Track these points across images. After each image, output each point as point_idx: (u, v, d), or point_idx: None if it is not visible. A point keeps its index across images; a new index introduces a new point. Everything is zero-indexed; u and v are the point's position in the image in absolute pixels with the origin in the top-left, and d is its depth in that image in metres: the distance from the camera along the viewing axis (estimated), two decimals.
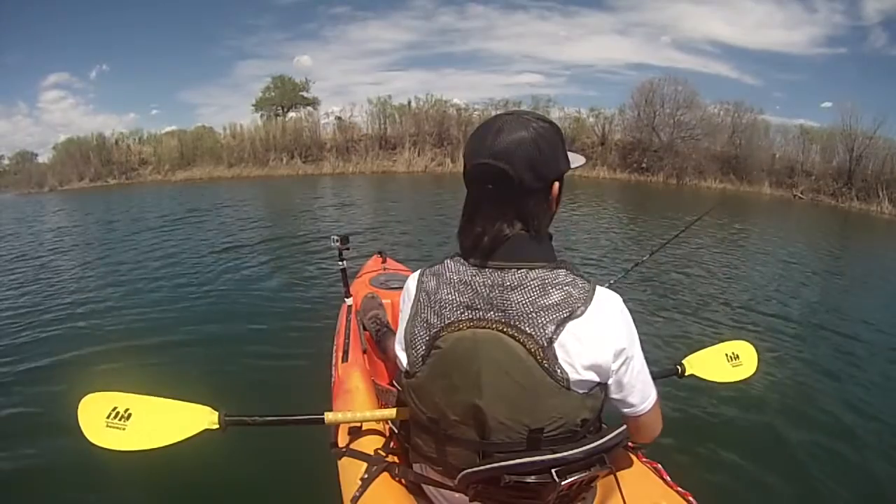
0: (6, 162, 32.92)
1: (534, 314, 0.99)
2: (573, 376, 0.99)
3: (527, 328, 0.99)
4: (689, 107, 25.72)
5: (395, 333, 1.19)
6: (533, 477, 1.00)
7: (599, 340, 1.00)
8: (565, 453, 0.99)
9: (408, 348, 1.11)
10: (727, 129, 25.76)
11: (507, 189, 1.01)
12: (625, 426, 1.10)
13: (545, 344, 0.98)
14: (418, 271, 1.17)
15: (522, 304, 1.00)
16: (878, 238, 15.05)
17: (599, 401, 1.06)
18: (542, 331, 0.98)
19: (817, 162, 24.59)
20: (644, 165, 25.44)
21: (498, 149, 1.00)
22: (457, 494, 1.14)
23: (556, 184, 1.07)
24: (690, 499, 1.33)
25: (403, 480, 1.30)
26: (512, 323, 1.00)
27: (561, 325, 0.98)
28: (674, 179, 24.61)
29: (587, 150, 26.71)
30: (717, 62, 48.31)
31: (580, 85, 51.38)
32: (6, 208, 18.17)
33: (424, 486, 1.27)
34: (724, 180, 24.40)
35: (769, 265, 8.09)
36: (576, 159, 1.14)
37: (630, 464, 1.43)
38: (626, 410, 1.12)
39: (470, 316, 1.03)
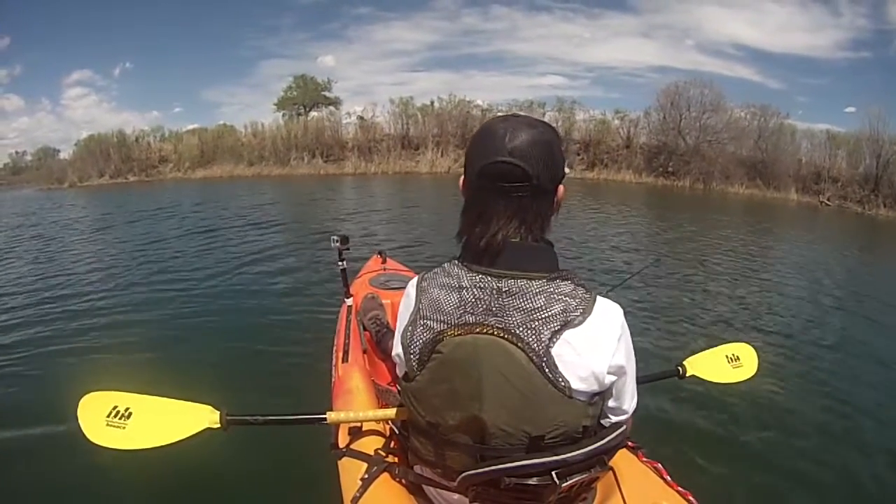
0: (28, 157, 33.95)
1: (532, 322, 0.98)
2: (574, 385, 0.98)
3: (525, 336, 0.98)
4: (714, 110, 25.34)
5: (395, 334, 1.18)
6: (533, 479, 1.00)
7: (598, 349, 1.00)
8: (566, 455, 0.99)
9: (406, 352, 1.10)
10: (753, 133, 25.29)
11: (522, 188, 1.01)
12: (625, 426, 1.09)
13: (543, 351, 0.97)
14: (418, 276, 1.16)
15: (522, 312, 0.99)
16: None
17: (600, 408, 1.05)
18: (539, 338, 0.97)
19: (844, 168, 24.01)
20: (670, 169, 25.15)
21: (514, 147, 1.00)
22: (457, 496, 1.13)
23: (561, 186, 1.07)
24: (691, 498, 1.32)
25: (404, 481, 1.29)
26: (511, 330, 0.99)
27: (558, 333, 0.97)
28: (700, 184, 24.23)
29: (612, 153, 26.63)
30: (740, 65, 47.86)
31: (603, 87, 51.78)
32: (24, 202, 18.62)
33: (425, 487, 1.26)
34: (750, 186, 23.97)
35: (783, 271, 8.05)
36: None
37: (630, 463, 1.43)
38: (616, 418, 1.12)
39: (470, 320, 1.02)
